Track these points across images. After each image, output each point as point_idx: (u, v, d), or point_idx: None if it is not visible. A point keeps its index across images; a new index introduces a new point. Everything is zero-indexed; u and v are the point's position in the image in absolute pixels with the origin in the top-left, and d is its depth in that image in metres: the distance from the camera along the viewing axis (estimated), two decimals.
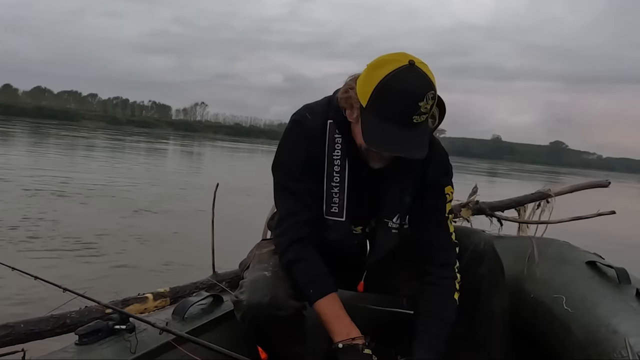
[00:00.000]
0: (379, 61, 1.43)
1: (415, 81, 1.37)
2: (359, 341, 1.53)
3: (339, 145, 1.59)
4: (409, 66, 1.37)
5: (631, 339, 1.53)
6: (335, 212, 1.62)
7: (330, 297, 1.58)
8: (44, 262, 4.34)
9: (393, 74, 1.37)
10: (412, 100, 1.36)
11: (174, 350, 1.44)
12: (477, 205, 2.78)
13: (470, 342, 1.67)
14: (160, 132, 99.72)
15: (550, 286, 2.01)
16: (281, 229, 1.64)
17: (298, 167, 1.61)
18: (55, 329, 1.58)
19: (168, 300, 1.86)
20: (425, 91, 1.36)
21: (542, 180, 38.33)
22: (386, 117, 1.39)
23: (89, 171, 12.40)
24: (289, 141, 1.64)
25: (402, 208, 1.64)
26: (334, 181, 1.61)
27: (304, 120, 1.62)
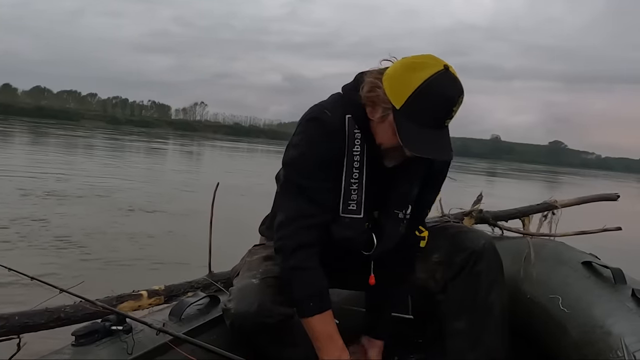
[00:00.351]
0: (413, 64, 1.45)
1: (452, 86, 1.41)
2: None
3: (359, 140, 1.58)
4: (445, 71, 1.41)
5: (627, 339, 1.54)
6: (352, 210, 1.61)
7: (327, 314, 1.57)
8: (38, 260, 4.35)
9: (432, 78, 1.39)
10: (448, 105, 1.41)
11: (171, 352, 1.44)
12: (481, 214, 2.74)
13: (470, 337, 1.68)
14: (159, 131, 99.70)
15: (547, 286, 2.01)
16: (287, 231, 1.58)
17: (315, 165, 1.57)
18: (49, 322, 1.60)
19: (162, 298, 1.86)
20: (458, 95, 1.42)
21: (541, 180, 38.35)
22: (423, 121, 1.42)
23: (84, 170, 12.35)
24: (308, 138, 1.59)
25: (411, 200, 1.67)
26: (353, 177, 1.60)
27: (322, 116, 1.59)
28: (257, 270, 1.66)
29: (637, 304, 1.71)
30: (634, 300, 1.73)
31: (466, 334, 1.68)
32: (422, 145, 1.43)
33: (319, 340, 1.56)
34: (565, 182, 38.40)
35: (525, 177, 41.66)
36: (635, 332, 1.57)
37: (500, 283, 1.71)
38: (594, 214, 3.18)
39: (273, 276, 1.62)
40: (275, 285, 1.59)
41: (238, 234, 3.11)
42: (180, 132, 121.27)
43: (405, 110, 1.43)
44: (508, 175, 43.00)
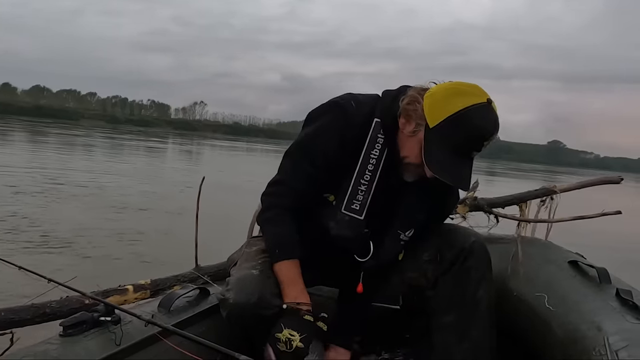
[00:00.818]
0: (457, 89, 1.48)
1: (489, 121, 1.45)
2: (303, 307, 1.57)
3: (380, 145, 1.61)
4: (487, 104, 1.44)
5: (610, 338, 1.55)
6: (355, 209, 1.64)
7: (292, 262, 1.63)
8: (27, 255, 4.42)
9: (472, 108, 1.42)
10: (481, 138, 1.45)
11: (159, 343, 1.44)
12: (476, 201, 2.67)
13: (457, 332, 1.70)
14: (158, 130, 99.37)
15: (533, 285, 2.03)
16: (271, 189, 1.70)
17: (321, 152, 1.62)
18: (35, 317, 1.61)
19: (148, 292, 1.86)
20: (494, 132, 1.45)
21: (539, 179, 38.33)
22: (452, 146, 1.45)
23: (78, 168, 12.37)
24: (325, 123, 1.63)
25: (417, 225, 1.71)
26: (363, 179, 1.63)
27: (348, 107, 1.62)
28: (257, 261, 1.69)
29: (621, 304, 1.72)
30: (618, 299, 1.74)
31: (454, 328, 1.70)
32: (444, 168, 1.46)
33: (283, 284, 1.60)
34: (564, 182, 38.24)
35: (524, 177, 41.56)
36: (618, 331, 1.58)
37: (488, 279, 1.73)
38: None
39: (271, 268, 1.65)
40: (274, 277, 1.62)
41: (224, 229, 3.13)
42: (180, 131, 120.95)
43: (437, 131, 1.46)
44: (507, 174, 42.90)
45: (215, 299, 1.76)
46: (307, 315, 1.55)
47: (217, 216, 5.05)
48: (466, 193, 2.79)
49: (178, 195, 9.53)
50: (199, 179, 2.21)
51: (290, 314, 1.55)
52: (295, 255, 1.64)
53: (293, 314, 1.55)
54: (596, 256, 2.22)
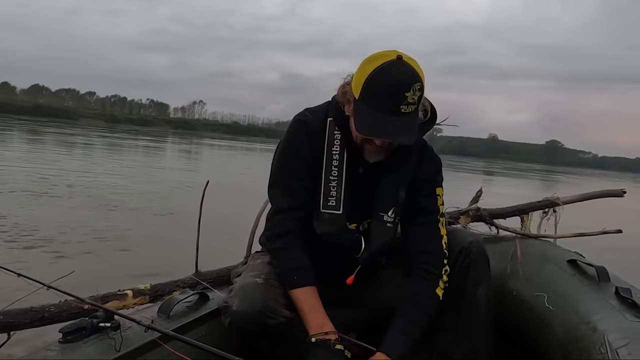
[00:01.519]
0: (370, 57, 1.54)
1: (401, 72, 1.47)
2: (332, 336, 1.57)
3: (338, 141, 1.69)
4: (397, 60, 1.48)
5: (610, 336, 1.55)
6: (332, 206, 1.68)
7: (312, 289, 1.63)
8: (23, 259, 4.37)
9: (382, 66, 1.48)
10: (398, 89, 1.46)
11: (159, 349, 1.44)
12: (478, 212, 2.66)
13: (457, 332, 1.71)
14: (158, 130, 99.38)
15: (533, 284, 2.03)
16: (272, 222, 1.73)
17: (297, 164, 1.69)
18: (34, 322, 1.61)
19: (147, 297, 1.86)
20: (412, 82, 1.47)
21: (538, 179, 38.34)
22: (376, 106, 1.49)
23: (76, 169, 12.35)
24: (291, 139, 1.72)
25: (397, 202, 1.71)
26: (332, 175, 1.69)
27: (304, 118, 1.72)
28: (261, 271, 1.70)
29: (620, 302, 1.73)
30: (618, 298, 1.75)
31: (454, 329, 1.72)
32: (375, 128, 1.51)
33: (304, 312, 1.61)
34: (562, 181, 38.51)
35: (522, 176, 41.66)
36: (618, 329, 1.58)
37: (486, 279, 1.73)
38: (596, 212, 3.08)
39: (276, 279, 1.66)
40: (278, 286, 1.63)
41: (225, 234, 3.11)
42: (180, 130, 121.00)
43: (361, 98, 1.52)
44: (505, 174, 42.99)
45: (214, 304, 1.76)
46: (337, 345, 1.56)
47: (215, 220, 5.05)
48: (470, 203, 2.78)
49: (176, 196, 9.52)
50: (197, 179, 2.20)
51: (320, 346, 1.55)
52: (313, 282, 1.65)
53: (324, 346, 1.55)
54: (595, 255, 2.22)
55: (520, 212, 2.68)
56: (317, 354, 1.54)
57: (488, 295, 1.73)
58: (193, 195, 2.42)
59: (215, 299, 1.79)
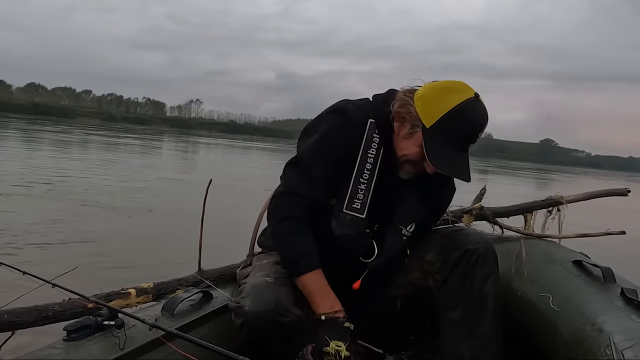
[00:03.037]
0: (447, 88, 1.57)
1: (482, 115, 1.55)
2: (340, 314, 1.60)
3: (375, 144, 1.68)
4: (476, 99, 1.54)
5: (615, 337, 1.55)
6: (356, 208, 1.67)
7: (319, 272, 1.64)
8: (27, 257, 4.39)
9: (464, 104, 1.52)
10: (476, 130, 1.55)
11: (163, 347, 1.44)
12: (481, 211, 2.65)
13: (464, 327, 1.70)
14: (154, 128, 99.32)
15: (538, 285, 2.03)
16: (280, 201, 1.69)
17: (329, 156, 1.67)
18: (38, 321, 1.61)
19: (151, 296, 1.85)
20: (485, 123, 1.56)
21: (532, 177, 38.54)
22: (451, 141, 1.54)
23: (75, 168, 12.34)
24: (331, 129, 1.68)
25: (417, 218, 1.74)
26: (362, 178, 1.68)
27: (347, 109, 1.69)
28: (270, 270, 1.70)
29: (626, 303, 1.72)
30: (623, 299, 1.74)
31: (460, 324, 1.71)
32: (445, 163, 1.54)
33: (314, 295, 1.62)
34: (556, 180, 38.78)
35: (517, 175, 41.78)
36: (623, 331, 1.57)
37: (494, 276, 1.73)
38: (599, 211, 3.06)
39: (286, 277, 1.66)
40: (289, 285, 1.63)
41: (226, 232, 3.10)
42: (176, 129, 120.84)
43: (435, 129, 1.54)
44: (500, 172, 43.09)
45: (217, 302, 1.76)
46: (346, 322, 1.59)
47: (217, 219, 5.05)
48: (474, 201, 2.78)
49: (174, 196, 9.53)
50: (197, 178, 2.19)
51: (330, 323, 1.57)
52: (319, 265, 1.65)
53: (333, 323, 1.58)
54: (600, 256, 2.22)
55: (524, 211, 2.67)
56: (326, 330, 1.56)
57: (496, 292, 1.73)
58: (194, 194, 2.43)
59: (219, 298, 1.79)
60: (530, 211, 2.66)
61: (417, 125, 1.58)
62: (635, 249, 6.45)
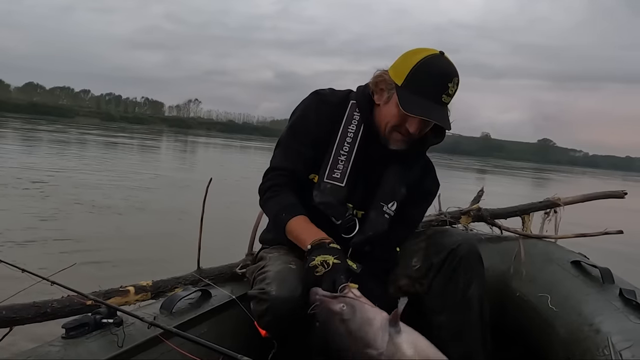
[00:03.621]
0: (413, 50, 1.68)
1: (446, 65, 1.63)
2: (327, 240, 1.59)
3: (356, 121, 1.77)
4: (441, 54, 1.64)
5: (614, 338, 1.55)
6: (336, 177, 1.74)
7: (303, 217, 1.68)
8: (28, 255, 4.43)
9: (428, 57, 1.62)
10: (443, 80, 1.61)
11: (161, 345, 1.44)
12: (479, 212, 2.66)
13: (450, 330, 1.70)
14: (153, 127, 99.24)
15: (536, 285, 2.03)
16: (267, 176, 1.80)
17: (305, 132, 1.78)
18: (37, 317, 1.60)
19: (150, 294, 1.85)
20: (453, 74, 1.62)
21: (530, 177, 38.59)
22: (422, 92, 1.61)
23: (75, 168, 12.33)
24: (305, 106, 1.82)
25: (398, 197, 1.77)
26: (342, 149, 1.75)
27: (324, 91, 1.84)
28: (289, 259, 1.69)
29: (624, 304, 1.72)
30: (622, 299, 1.75)
31: (447, 327, 1.71)
32: (420, 109, 1.61)
33: (301, 234, 1.64)
34: (554, 180, 38.86)
35: (515, 175, 41.84)
36: (622, 331, 1.58)
37: (479, 278, 1.73)
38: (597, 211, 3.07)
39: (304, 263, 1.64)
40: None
41: (224, 231, 3.10)
42: (175, 128, 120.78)
43: (405, 84, 1.63)
44: (498, 172, 43.15)
45: (216, 300, 1.75)
46: (332, 244, 1.57)
47: (214, 218, 5.05)
48: (471, 203, 2.78)
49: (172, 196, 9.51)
50: (197, 178, 2.20)
51: (316, 247, 1.56)
52: (304, 212, 1.69)
53: (320, 247, 1.56)
54: (599, 256, 2.22)
55: (522, 212, 2.67)
56: (311, 252, 1.54)
57: (481, 295, 1.72)
58: (193, 193, 2.42)
59: (218, 296, 1.79)
60: (527, 212, 2.67)
61: (391, 88, 1.66)
62: (633, 249, 6.47)
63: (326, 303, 1.40)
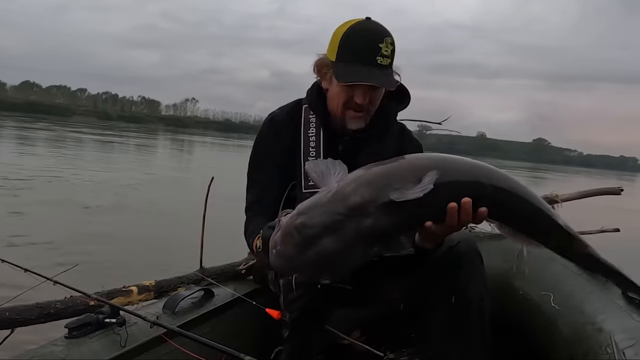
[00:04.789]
0: (341, 24, 1.67)
1: (373, 27, 1.63)
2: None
3: (313, 123, 1.77)
4: (366, 19, 1.65)
5: (617, 337, 1.54)
6: (312, 185, 1.67)
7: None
8: (31, 256, 4.36)
9: (353, 24, 1.63)
10: (372, 42, 1.60)
11: (164, 344, 1.45)
12: None
13: (450, 330, 1.68)
14: (150, 126, 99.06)
15: (539, 283, 2.02)
16: (246, 217, 1.80)
17: (263, 159, 1.80)
18: (40, 318, 1.61)
19: (152, 294, 1.85)
20: (384, 34, 1.61)
21: (526, 176, 38.70)
22: (354, 58, 1.61)
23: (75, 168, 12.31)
24: (259, 135, 1.85)
25: None
26: (310, 156, 1.75)
27: (274, 113, 1.85)
28: None
29: (627, 302, 1.72)
30: (624, 298, 1.74)
31: (446, 325, 1.69)
32: (356, 74, 1.59)
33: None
34: (549, 179, 39.01)
35: (511, 174, 41.94)
36: (625, 330, 1.57)
37: (478, 276, 1.72)
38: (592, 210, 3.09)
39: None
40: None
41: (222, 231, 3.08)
42: (172, 127, 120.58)
43: (338, 56, 1.63)
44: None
45: (219, 300, 1.76)
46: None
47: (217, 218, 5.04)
48: None
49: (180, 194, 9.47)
50: (197, 178, 2.19)
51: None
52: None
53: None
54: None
55: None
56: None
57: (481, 293, 1.71)
58: (194, 192, 2.41)
59: (220, 295, 1.79)
60: None
61: (330, 67, 1.68)
62: (631, 247, 6.48)
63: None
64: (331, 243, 1.17)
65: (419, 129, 2.64)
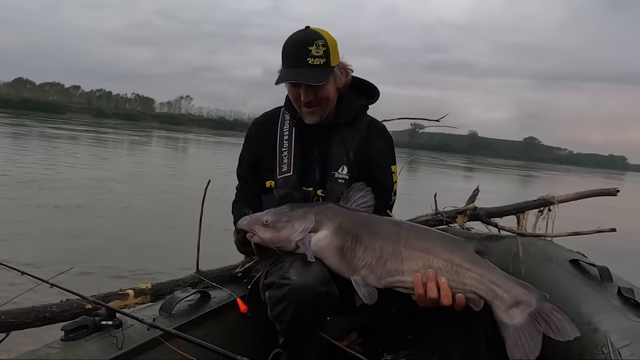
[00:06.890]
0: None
1: (304, 33, 1.79)
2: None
3: (287, 121, 1.94)
4: (303, 28, 1.82)
5: (612, 336, 1.55)
6: (284, 171, 1.86)
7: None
8: (27, 258, 4.33)
9: (292, 34, 1.80)
10: (302, 45, 1.77)
11: (161, 347, 1.44)
12: (475, 211, 2.68)
13: (453, 328, 1.70)
14: (147, 125, 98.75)
15: (535, 284, 2.01)
16: (234, 208, 1.98)
17: (245, 157, 2.00)
18: (36, 321, 1.60)
19: (149, 297, 1.84)
20: (314, 38, 1.77)
21: (517, 175, 38.78)
22: (287, 63, 1.80)
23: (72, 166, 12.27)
24: (245, 139, 2.04)
25: (346, 161, 1.87)
26: (283, 147, 1.90)
27: (258, 118, 2.07)
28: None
29: (622, 302, 1.73)
30: (620, 298, 1.75)
31: (449, 324, 1.69)
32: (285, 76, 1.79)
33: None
34: (540, 177, 39.12)
35: (503, 173, 42.03)
36: (620, 330, 1.58)
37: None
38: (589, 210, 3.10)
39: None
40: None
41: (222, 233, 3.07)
42: (167, 125, 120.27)
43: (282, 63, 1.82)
44: (486, 171, 43.29)
45: (215, 302, 1.75)
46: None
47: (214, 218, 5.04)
48: (467, 202, 2.78)
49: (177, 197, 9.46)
50: (190, 179, 2.19)
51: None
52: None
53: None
54: (596, 254, 2.23)
55: (517, 211, 2.69)
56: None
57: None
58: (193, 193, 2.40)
59: (217, 298, 1.78)
60: (522, 211, 2.69)
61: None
62: (630, 246, 6.51)
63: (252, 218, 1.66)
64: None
65: (412, 128, 2.66)
